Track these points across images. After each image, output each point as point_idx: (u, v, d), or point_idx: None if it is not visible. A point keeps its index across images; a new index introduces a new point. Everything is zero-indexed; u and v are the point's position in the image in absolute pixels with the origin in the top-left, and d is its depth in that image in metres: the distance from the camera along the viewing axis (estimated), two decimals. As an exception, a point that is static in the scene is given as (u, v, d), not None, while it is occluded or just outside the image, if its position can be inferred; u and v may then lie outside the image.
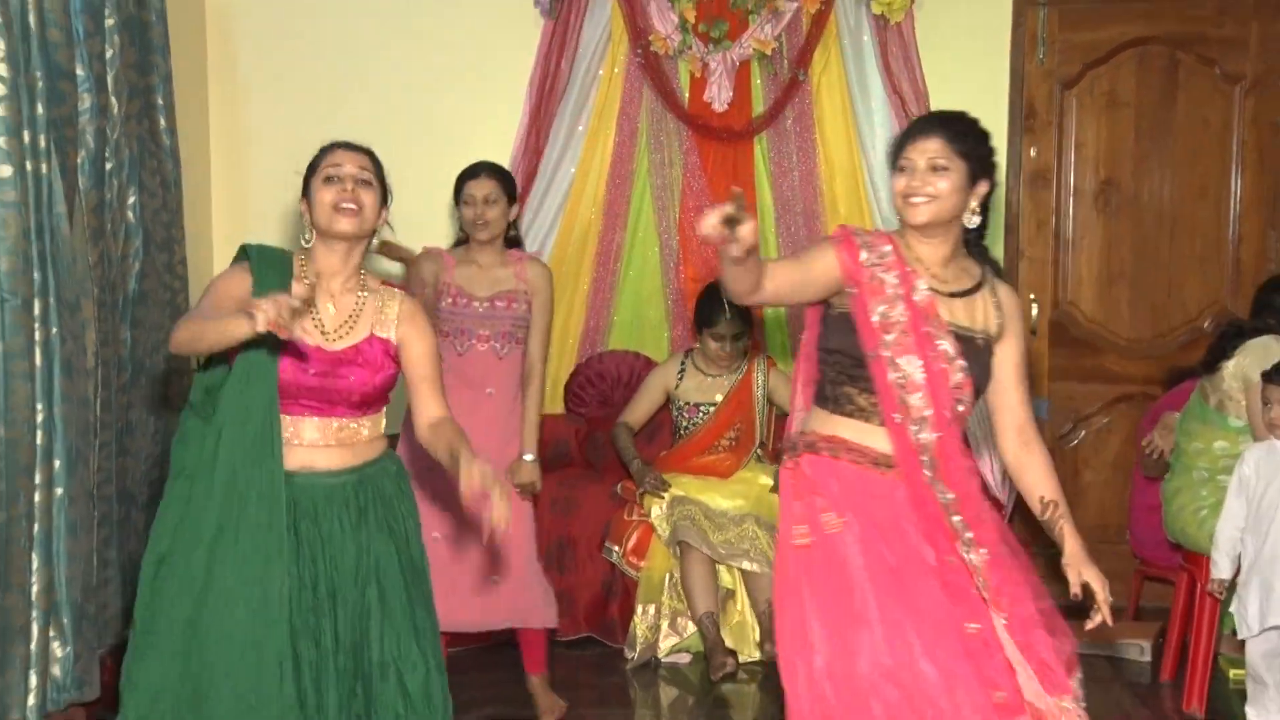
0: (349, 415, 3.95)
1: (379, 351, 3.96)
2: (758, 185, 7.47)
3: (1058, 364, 7.61)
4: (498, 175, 5.89)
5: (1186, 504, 5.93)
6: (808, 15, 7.25)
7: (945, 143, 3.84)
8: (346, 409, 3.94)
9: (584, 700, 6.07)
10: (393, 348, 3.99)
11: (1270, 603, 5.24)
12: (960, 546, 3.74)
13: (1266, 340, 5.79)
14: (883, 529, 3.77)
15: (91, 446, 5.51)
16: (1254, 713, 5.44)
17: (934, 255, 3.91)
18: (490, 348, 5.77)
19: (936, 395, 3.77)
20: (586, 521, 6.76)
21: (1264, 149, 7.41)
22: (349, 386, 3.90)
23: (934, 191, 3.81)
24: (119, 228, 5.93)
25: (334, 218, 3.92)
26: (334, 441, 3.94)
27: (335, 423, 3.94)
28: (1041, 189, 7.56)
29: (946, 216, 3.85)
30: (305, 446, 3.91)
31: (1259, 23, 7.37)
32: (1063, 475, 7.22)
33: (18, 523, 4.96)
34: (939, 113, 4.23)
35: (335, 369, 3.90)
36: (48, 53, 5.19)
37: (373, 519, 3.96)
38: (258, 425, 3.82)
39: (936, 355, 3.80)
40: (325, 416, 3.93)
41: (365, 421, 4.00)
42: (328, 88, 7.48)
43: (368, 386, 3.93)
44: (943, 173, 3.81)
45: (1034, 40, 7.44)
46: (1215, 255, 7.48)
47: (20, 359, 4.95)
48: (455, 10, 7.51)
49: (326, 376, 3.88)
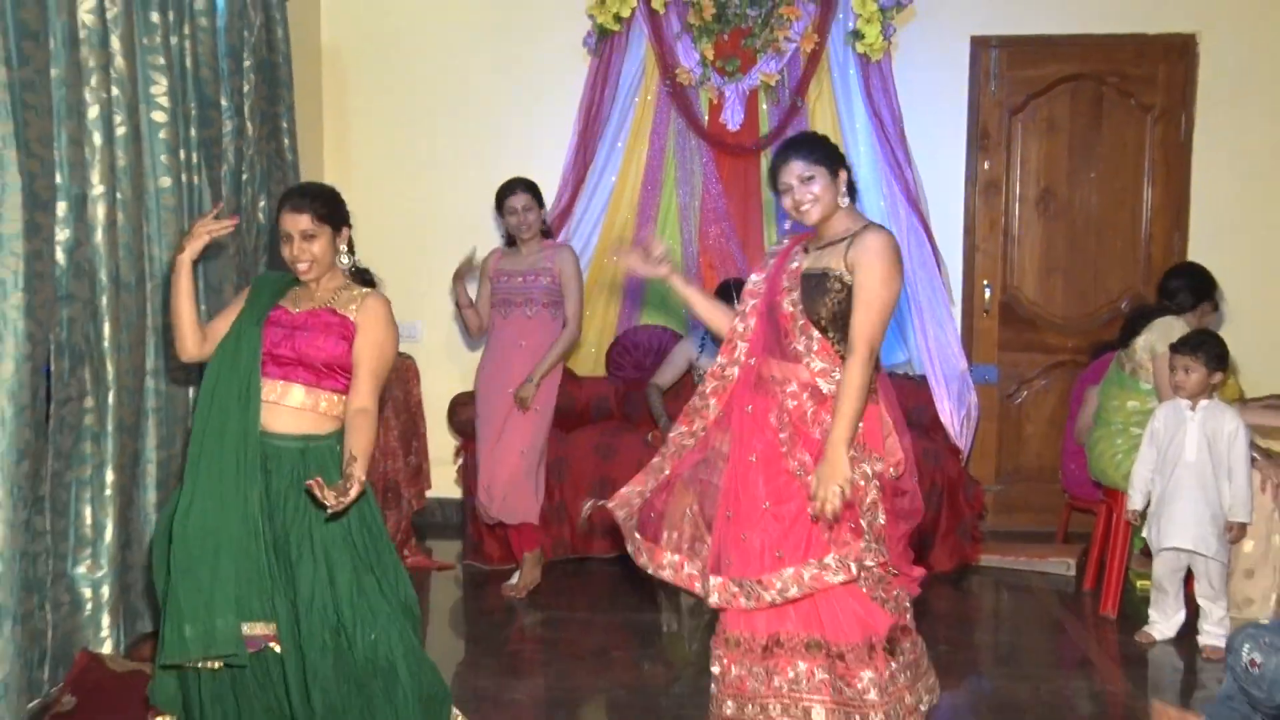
0: (306, 384, 3.78)
1: (335, 321, 3.80)
2: (763, 192, 7.39)
3: (1005, 338, 7.61)
4: (530, 189, 6.14)
5: (1106, 450, 5.98)
6: (804, 54, 7.20)
7: (803, 160, 3.98)
8: (305, 374, 3.78)
9: (620, 606, 6.10)
10: (350, 327, 3.81)
11: (1171, 528, 5.37)
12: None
13: (1168, 319, 5.85)
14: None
15: None
16: (1155, 614, 5.57)
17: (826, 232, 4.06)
18: (522, 312, 6.09)
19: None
20: (623, 463, 6.61)
21: (1169, 166, 7.42)
22: (301, 344, 3.76)
23: (813, 196, 3.97)
24: (251, 226, 6.03)
25: (295, 269, 3.85)
26: (294, 405, 3.78)
27: (298, 387, 3.78)
28: (993, 196, 7.56)
29: (829, 210, 3.99)
30: (270, 404, 3.76)
31: (1165, 65, 7.38)
32: (1008, 428, 7.45)
33: (175, 459, 5.10)
34: (788, 140, 4.25)
35: (294, 332, 3.78)
36: (200, 88, 5.32)
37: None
38: (242, 378, 3.73)
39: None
40: (287, 381, 3.77)
41: (321, 396, 3.80)
42: (417, 114, 7.57)
43: (319, 349, 3.77)
44: (810, 181, 3.96)
45: (987, 75, 7.46)
46: (1131, 251, 7.51)
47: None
48: (520, 50, 7.54)
49: (286, 338, 3.77)
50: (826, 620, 3.88)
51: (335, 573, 3.69)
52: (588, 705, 4.84)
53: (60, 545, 4.43)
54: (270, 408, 3.74)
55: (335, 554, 3.71)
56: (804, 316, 3.94)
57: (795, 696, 3.92)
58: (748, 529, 3.93)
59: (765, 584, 3.86)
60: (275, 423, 3.75)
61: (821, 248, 4.02)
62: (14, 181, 3.87)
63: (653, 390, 6.71)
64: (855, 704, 3.85)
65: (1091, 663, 5.33)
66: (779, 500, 3.92)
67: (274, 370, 3.76)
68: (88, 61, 4.46)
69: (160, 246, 4.99)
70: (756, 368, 4.09)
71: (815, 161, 3.96)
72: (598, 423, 7.19)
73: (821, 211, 3.97)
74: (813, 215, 3.98)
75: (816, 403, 3.93)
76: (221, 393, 3.72)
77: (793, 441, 3.95)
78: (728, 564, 3.95)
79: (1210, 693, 4.82)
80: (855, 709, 3.85)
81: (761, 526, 3.92)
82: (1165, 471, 5.45)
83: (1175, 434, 5.43)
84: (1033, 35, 7.43)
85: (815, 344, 3.93)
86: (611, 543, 6.77)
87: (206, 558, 3.60)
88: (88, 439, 4.56)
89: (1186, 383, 5.39)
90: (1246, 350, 6.59)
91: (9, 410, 3.85)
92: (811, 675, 3.90)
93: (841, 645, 3.87)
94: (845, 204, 4.01)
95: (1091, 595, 6.24)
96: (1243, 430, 5.37)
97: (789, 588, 3.83)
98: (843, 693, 3.86)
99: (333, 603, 3.68)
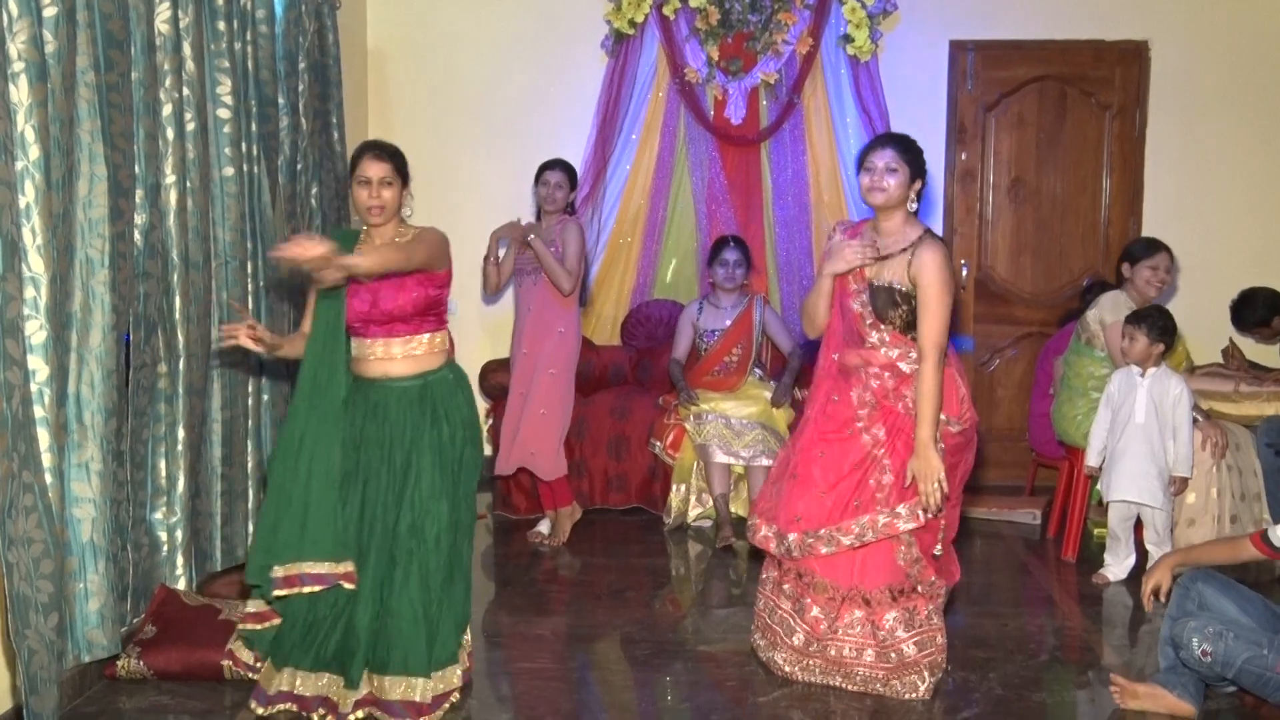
0: (406, 332, 3.98)
1: (405, 276, 3.94)
2: (762, 180, 7.48)
3: (979, 311, 7.66)
4: (567, 170, 6.13)
5: (1067, 412, 6.02)
6: (800, 55, 7.26)
7: (896, 153, 4.10)
8: (402, 326, 3.97)
9: (633, 552, 6.14)
10: (418, 271, 3.96)
11: (1121, 482, 5.46)
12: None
13: (1115, 294, 5.91)
14: None
15: (284, 366, 5.61)
16: (1110, 558, 5.66)
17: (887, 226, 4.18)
18: (531, 280, 6.08)
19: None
20: (636, 424, 6.77)
21: (1125, 158, 7.47)
22: (387, 306, 3.92)
23: (888, 186, 4.07)
24: (305, 211, 6.05)
25: (366, 215, 4.00)
26: (400, 355, 3.99)
27: (400, 341, 3.98)
28: (969, 184, 7.60)
29: (894, 204, 4.11)
30: (382, 360, 3.98)
31: (1122, 67, 7.44)
32: (982, 393, 7.51)
33: (238, 419, 5.18)
34: (892, 133, 4.35)
35: (375, 295, 3.93)
36: (259, 88, 5.37)
37: (427, 413, 3.97)
38: (322, 343, 3.94)
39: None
40: (391, 336, 3.98)
41: (424, 338, 4.02)
42: (453, 110, 7.61)
43: (399, 303, 3.93)
44: (893, 173, 4.08)
45: (964, 76, 7.49)
46: (1091, 234, 7.55)
47: (239, 303, 5.09)
48: (545, 53, 7.57)
49: (372, 302, 3.93)
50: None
51: (430, 489, 3.94)
52: (604, 639, 4.88)
53: (139, 494, 4.51)
54: (384, 362, 3.98)
55: (437, 478, 3.96)
56: (873, 317, 4.12)
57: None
58: (824, 489, 4.13)
59: (844, 530, 4.07)
60: (393, 369, 4.00)
61: (884, 258, 4.13)
62: (101, 172, 3.93)
63: (673, 365, 6.74)
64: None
65: (1054, 601, 5.39)
66: (852, 468, 4.12)
67: (376, 330, 3.97)
68: (163, 65, 4.50)
69: (224, 229, 5.02)
70: (840, 360, 4.25)
71: (904, 160, 4.09)
72: (614, 387, 7.25)
73: (887, 201, 4.09)
74: (878, 200, 4.10)
75: (897, 380, 4.12)
76: (316, 354, 3.94)
77: (871, 418, 4.12)
78: (799, 519, 4.16)
79: (1156, 627, 4.88)
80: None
81: (835, 487, 4.11)
82: (1116, 431, 5.52)
83: (1127, 397, 5.49)
84: (1005, 40, 7.46)
85: (887, 335, 4.13)
86: (625, 495, 6.88)
87: (289, 505, 3.84)
88: (161, 400, 4.61)
89: (1131, 350, 5.46)
90: (1193, 322, 6.68)
91: (98, 374, 3.92)
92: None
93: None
94: (913, 209, 4.15)
95: (1054, 542, 6.30)
96: (1186, 394, 5.45)
97: (865, 533, 4.05)
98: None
99: (420, 515, 3.93)
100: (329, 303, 3.96)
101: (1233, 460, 5.71)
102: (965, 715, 4.05)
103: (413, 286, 3.97)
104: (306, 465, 3.87)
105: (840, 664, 4.19)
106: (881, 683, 4.14)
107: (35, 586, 3.55)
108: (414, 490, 3.94)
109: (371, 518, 3.95)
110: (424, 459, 3.95)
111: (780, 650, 4.31)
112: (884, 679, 4.14)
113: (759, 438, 6.33)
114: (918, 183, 4.14)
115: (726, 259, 6.61)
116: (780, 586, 4.37)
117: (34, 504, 3.55)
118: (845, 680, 4.19)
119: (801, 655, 4.26)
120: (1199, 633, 3.81)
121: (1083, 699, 4.30)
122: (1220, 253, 7.41)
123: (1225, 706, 4.05)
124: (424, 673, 3.89)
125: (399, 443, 3.96)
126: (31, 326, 3.61)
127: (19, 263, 3.55)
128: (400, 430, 3.96)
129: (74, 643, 3.97)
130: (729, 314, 6.69)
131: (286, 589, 3.86)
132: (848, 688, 4.19)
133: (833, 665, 4.20)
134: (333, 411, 3.91)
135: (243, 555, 5.20)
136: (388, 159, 4.01)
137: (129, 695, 4.15)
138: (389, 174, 3.99)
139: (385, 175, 3.98)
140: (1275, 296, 6.87)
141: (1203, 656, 3.80)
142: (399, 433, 3.96)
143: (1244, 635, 3.78)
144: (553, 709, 4.09)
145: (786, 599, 4.33)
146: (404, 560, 3.91)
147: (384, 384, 3.99)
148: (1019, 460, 7.38)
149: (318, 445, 3.88)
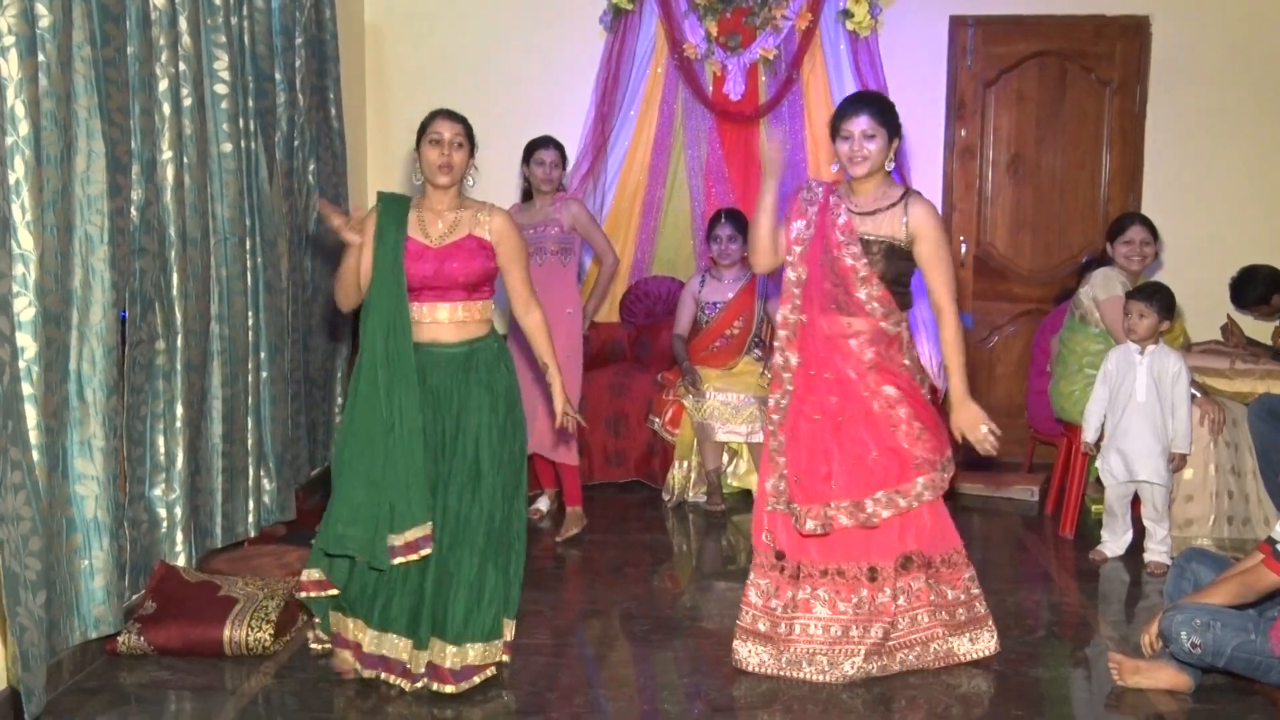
0: (461, 299, 3.98)
1: (475, 245, 3.98)
2: (761, 154, 7.42)
3: (979, 288, 7.64)
4: (559, 147, 6.07)
5: (1064, 389, 6.03)
6: (799, 31, 7.24)
7: (872, 118, 4.03)
8: (460, 293, 3.98)
9: (633, 528, 6.17)
10: (488, 245, 4.01)
11: (1128, 460, 5.45)
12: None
13: (1105, 270, 5.91)
14: None
15: (285, 344, 5.67)
16: (1107, 535, 5.66)
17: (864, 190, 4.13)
18: (534, 261, 5.83)
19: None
20: (635, 400, 6.79)
21: (1125, 134, 7.46)
22: (453, 271, 3.93)
23: (869, 152, 4.02)
24: (303, 187, 6.05)
25: (435, 174, 4.00)
26: (448, 320, 3.99)
27: (449, 306, 3.98)
28: (969, 160, 7.59)
29: (876, 169, 4.07)
30: (430, 325, 3.97)
31: (1122, 43, 7.42)
32: (981, 369, 7.50)
33: (238, 396, 5.18)
34: (863, 94, 4.33)
35: (443, 262, 3.94)
36: (256, 63, 5.35)
37: (473, 380, 3.98)
38: (391, 308, 3.93)
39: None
40: (444, 301, 3.98)
41: (475, 307, 4.02)
42: (452, 84, 7.41)
43: (469, 270, 3.96)
44: (871, 139, 4.02)
45: (964, 51, 7.48)
46: (1090, 210, 7.54)
47: (237, 280, 5.13)
48: (543, 29, 7.56)
49: (437, 267, 3.93)
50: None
51: (480, 452, 3.99)
52: (604, 615, 4.91)
53: (138, 470, 4.53)
54: (435, 326, 3.98)
55: (484, 438, 4.00)
56: (868, 270, 4.02)
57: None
58: (858, 462, 4.08)
59: (903, 491, 4.09)
60: (441, 335, 4.00)
61: (869, 212, 4.07)
62: (99, 148, 3.92)
63: (676, 340, 6.75)
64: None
65: (1051, 577, 5.41)
66: (878, 440, 4.08)
67: (430, 295, 3.97)
68: (159, 40, 4.48)
69: (222, 205, 5.02)
70: (816, 326, 4.11)
71: (881, 123, 4.03)
72: (612, 364, 7.25)
73: (869, 169, 4.04)
74: (861, 169, 4.04)
75: (885, 343, 4.07)
76: (375, 322, 3.93)
77: (874, 388, 4.07)
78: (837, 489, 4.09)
79: (1153, 603, 4.92)
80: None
81: (866, 462, 4.08)
82: (1117, 410, 5.50)
83: (1126, 376, 5.48)
84: (1005, 15, 7.44)
85: (876, 291, 4.03)
86: (625, 470, 6.89)
87: (361, 473, 3.90)
88: (159, 377, 4.61)
89: (1139, 326, 5.41)
90: (1191, 298, 6.66)
91: (99, 351, 3.93)
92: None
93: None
94: (890, 168, 4.11)
95: (1052, 518, 6.32)
96: (1185, 371, 5.44)
97: (923, 493, 4.11)
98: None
99: (476, 482, 3.98)
100: (388, 265, 3.96)
101: (1229, 436, 5.74)
102: (962, 690, 4.06)
103: (484, 258, 4.02)
104: (400, 433, 3.90)
105: (913, 643, 4.16)
106: (954, 635, 4.19)
107: (24, 564, 3.56)
108: (459, 457, 3.98)
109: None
110: (469, 424, 3.99)
111: (851, 658, 4.09)
112: (954, 632, 4.20)
113: (758, 413, 6.33)
114: (895, 142, 4.08)
115: (720, 234, 6.62)
116: (814, 594, 4.17)
117: (22, 481, 3.55)
118: (920, 655, 4.16)
119: (878, 650, 4.11)
120: (1186, 625, 3.82)
121: (1079, 675, 4.33)
122: (1220, 229, 7.39)
123: (1223, 682, 4.05)
124: (473, 639, 3.95)
125: (446, 408, 4.00)
126: (21, 303, 3.60)
127: (9, 239, 3.54)
128: (448, 396, 4.00)
129: (80, 619, 4.00)
130: (731, 287, 6.71)
131: (406, 556, 3.89)
132: (931, 665, 4.18)
133: (906, 647, 4.15)
134: (409, 375, 3.92)
135: (244, 532, 5.25)
136: (460, 122, 4.05)
137: (130, 670, 4.17)
138: (461, 135, 4.03)
139: (458, 136, 4.02)
140: (1275, 274, 6.87)
141: (1192, 649, 3.81)
142: (446, 398, 4.00)
143: (1230, 622, 3.79)
144: (551, 684, 4.11)
145: (839, 602, 4.14)
146: (451, 526, 3.96)
147: (430, 349, 3.99)
148: (1017, 437, 7.33)
149: (405, 410, 3.90)
